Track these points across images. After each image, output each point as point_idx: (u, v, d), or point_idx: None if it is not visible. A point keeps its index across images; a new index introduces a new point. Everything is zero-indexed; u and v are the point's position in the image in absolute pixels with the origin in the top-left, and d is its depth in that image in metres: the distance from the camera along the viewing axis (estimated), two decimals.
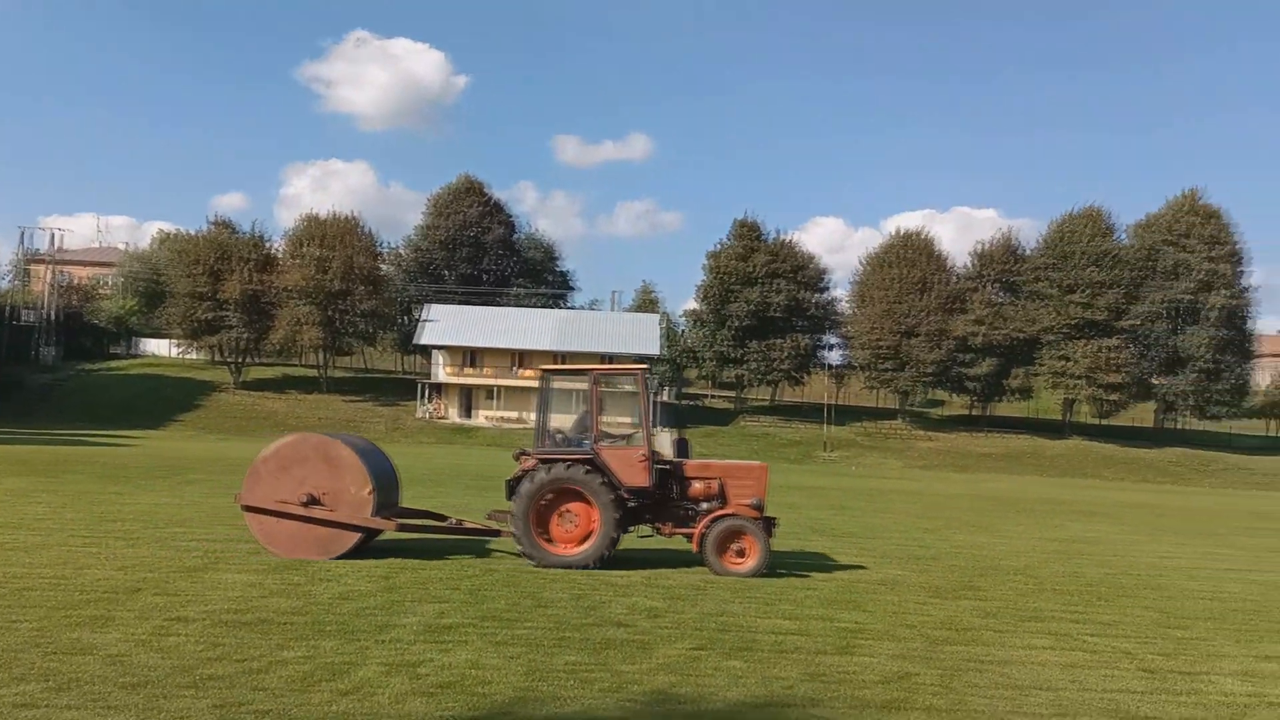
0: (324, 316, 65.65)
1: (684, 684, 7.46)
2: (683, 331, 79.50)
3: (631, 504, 12.78)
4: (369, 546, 13.31)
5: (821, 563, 14.23)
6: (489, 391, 67.64)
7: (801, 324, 69.24)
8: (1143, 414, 74.93)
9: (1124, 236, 69.48)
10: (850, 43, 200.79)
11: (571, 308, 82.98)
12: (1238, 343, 69.15)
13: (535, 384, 67.45)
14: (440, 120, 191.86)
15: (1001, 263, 69.75)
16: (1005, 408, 75.59)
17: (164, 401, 62.17)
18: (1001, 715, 7.03)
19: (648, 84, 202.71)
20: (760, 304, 67.38)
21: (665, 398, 73.42)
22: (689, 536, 12.92)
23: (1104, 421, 72.14)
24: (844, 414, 70.69)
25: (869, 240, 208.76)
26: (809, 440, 64.18)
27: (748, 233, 71.08)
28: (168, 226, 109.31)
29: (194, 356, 72.15)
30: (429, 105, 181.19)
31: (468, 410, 67.39)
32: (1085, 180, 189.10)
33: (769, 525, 12.87)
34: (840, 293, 74.53)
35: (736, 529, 12.57)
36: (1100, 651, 9.26)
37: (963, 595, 12.06)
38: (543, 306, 79.04)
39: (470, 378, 67.91)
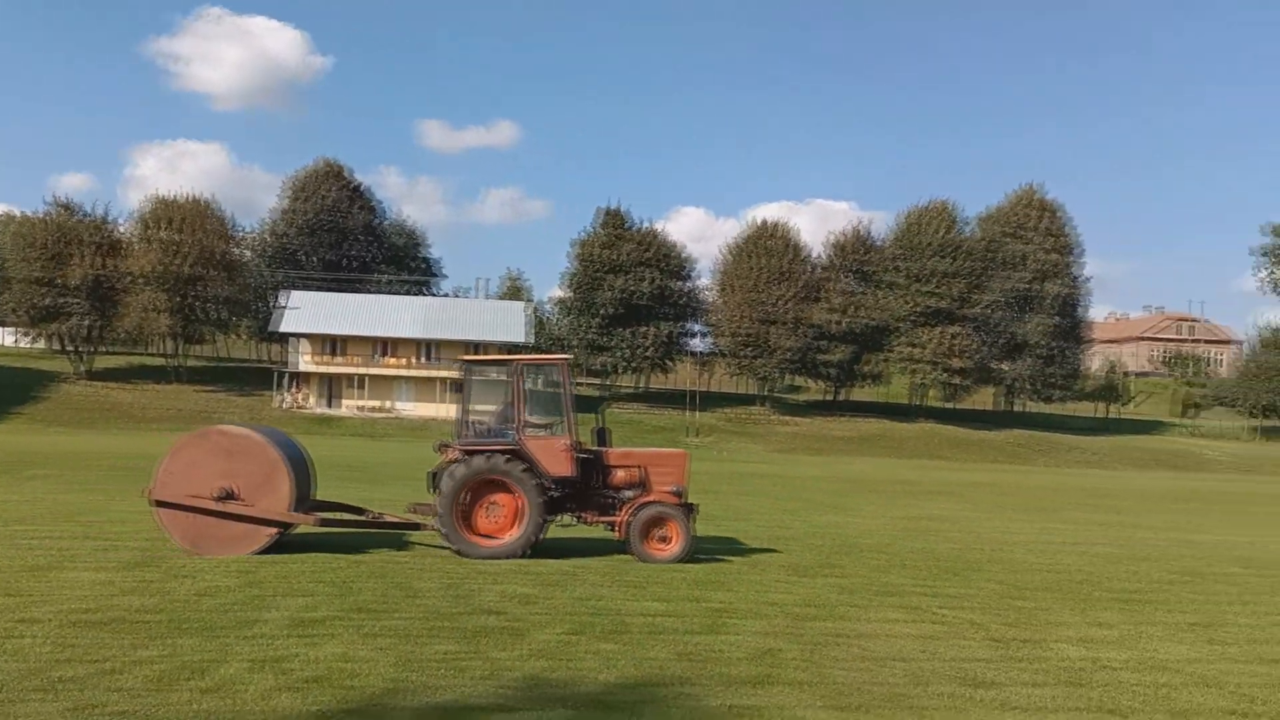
0: (176, 303, 62.71)
1: (558, 668, 7.54)
2: (552, 319, 79.39)
3: (554, 494, 12.77)
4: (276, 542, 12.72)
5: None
6: (353, 380, 66.03)
7: (667, 312, 70.08)
8: (986, 397, 78.90)
9: (969, 229, 72.88)
10: (712, 36, 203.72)
11: (438, 295, 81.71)
12: (1072, 330, 73.63)
13: (401, 372, 66.17)
14: (299, 101, 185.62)
15: (856, 253, 72.19)
16: (860, 392, 78.44)
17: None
18: (861, 686, 7.36)
19: (516, 71, 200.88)
20: (627, 292, 67.87)
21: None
22: (610, 525, 13.05)
23: (951, 405, 75.64)
24: (709, 400, 71.97)
25: (731, 230, 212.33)
26: (675, 426, 65.10)
27: (614, 221, 71.41)
28: (1, 208, 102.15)
29: (33, 345, 67.90)
30: (287, 85, 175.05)
31: (331, 400, 65.63)
32: (934, 174, 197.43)
33: (689, 511, 13.04)
34: (704, 281, 75.73)
35: (660, 516, 12.76)
36: (950, 623, 9.79)
37: (823, 573, 12.53)
38: (408, 294, 77.61)
39: (334, 366, 66.13)
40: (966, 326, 68.19)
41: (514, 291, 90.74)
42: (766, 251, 69.88)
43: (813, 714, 6.62)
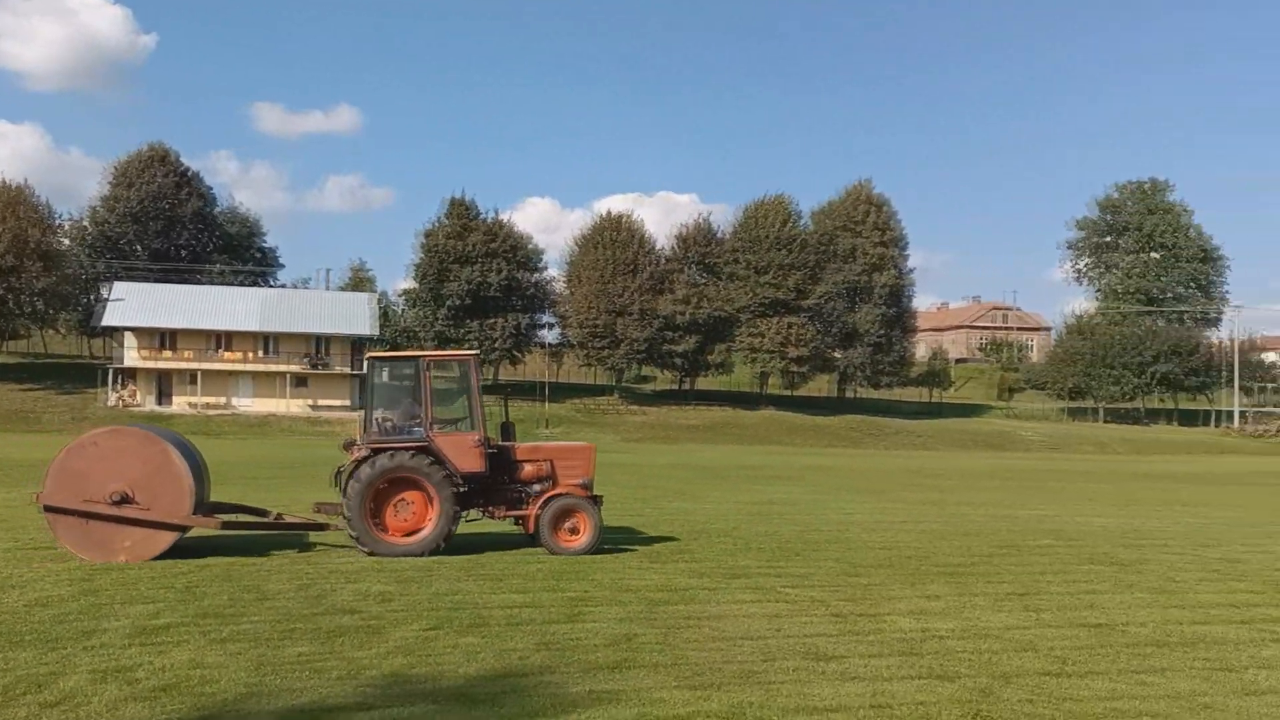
0: None
1: (419, 664, 7.57)
2: (399, 311, 77.81)
3: (463, 489, 12.71)
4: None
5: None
6: (187, 376, 62.92)
7: (518, 303, 69.86)
8: (823, 384, 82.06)
9: (806, 223, 75.54)
10: (559, 29, 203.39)
11: (277, 286, 78.74)
12: (899, 319, 77.45)
13: (239, 367, 63.34)
14: (124, 82, 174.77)
15: (700, 245, 73.77)
16: (707, 381, 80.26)
17: None
18: (715, 665, 7.69)
19: (356, 53, 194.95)
20: (477, 283, 67.24)
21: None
22: (517, 519, 13.24)
23: (792, 392, 78.34)
24: (561, 391, 72.14)
25: (580, 221, 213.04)
26: (528, 418, 64.89)
27: (462, 211, 70.59)
28: None
29: None
30: (110, 65, 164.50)
31: (162, 397, 62.37)
32: (771, 168, 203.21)
33: (597, 503, 13.31)
34: (555, 272, 75.88)
35: (569, 508, 12.97)
36: (796, 601, 10.30)
37: (676, 558, 12.92)
38: (245, 285, 74.46)
39: (166, 361, 62.92)
40: (804, 317, 70.66)
41: (358, 282, 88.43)
42: (616, 243, 70.51)
43: (670, 694, 6.89)
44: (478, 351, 14.35)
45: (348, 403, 65.16)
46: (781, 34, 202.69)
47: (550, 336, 76.82)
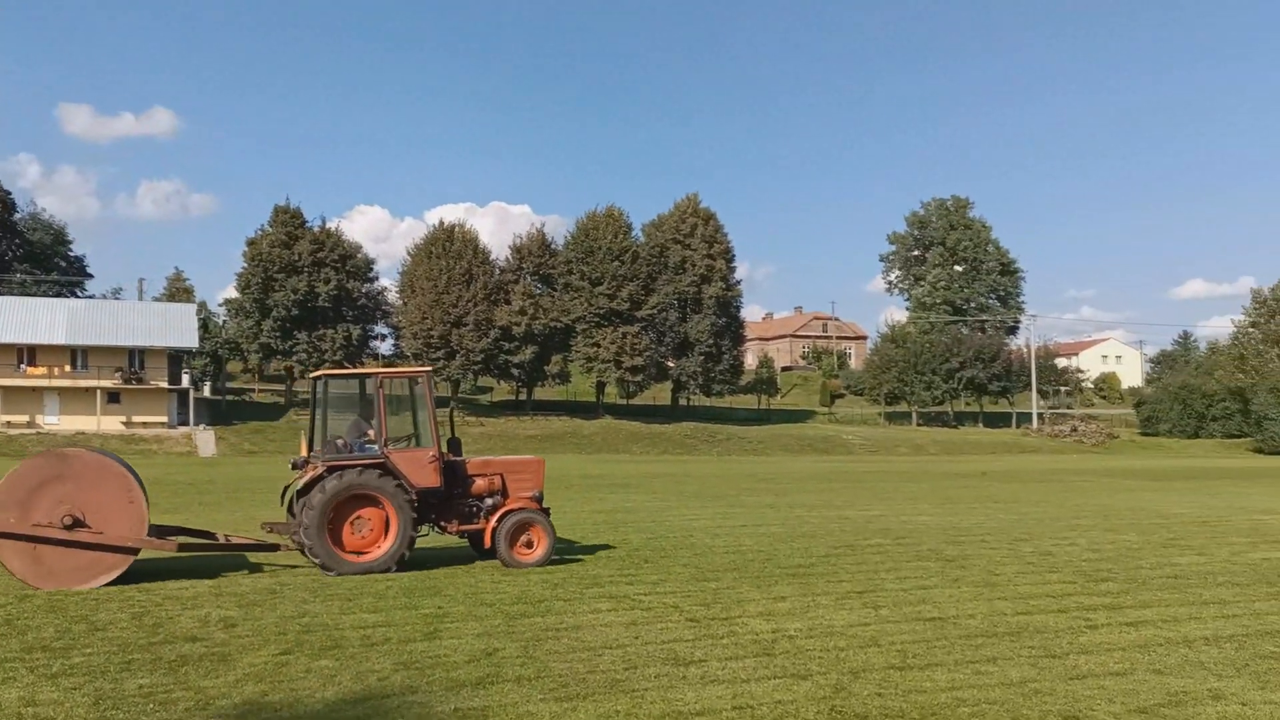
0: None
1: (274, 691, 7.32)
2: (223, 323, 74.15)
3: (416, 504, 12.76)
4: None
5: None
6: None
7: (350, 314, 67.87)
8: (658, 393, 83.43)
9: (638, 235, 76.71)
10: (390, 34, 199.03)
11: (86, 296, 73.67)
12: (731, 328, 79.67)
13: (46, 383, 58.73)
14: None
15: (536, 256, 73.72)
16: (545, 392, 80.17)
17: None
18: (580, 676, 7.77)
19: (172, 52, 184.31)
20: (306, 293, 64.94)
21: (205, 393, 68.10)
22: (463, 534, 13.52)
23: (629, 401, 79.24)
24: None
25: (414, 231, 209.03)
26: None
27: (289, 219, 68.03)
28: None
29: None
30: None
31: None
32: (605, 181, 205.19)
33: (547, 515, 13.56)
34: (388, 282, 74.19)
35: (525, 522, 13.20)
36: (653, 608, 10.49)
37: (531, 570, 12.91)
38: (52, 295, 69.30)
39: None
40: (639, 327, 71.68)
41: (180, 293, 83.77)
42: (451, 253, 69.60)
43: (538, 707, 6.91)
44: (430, 368, 14.29)
45: (165, 419, 61.58)
46: (612, 48, 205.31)
47: (384, 348, 74.99)
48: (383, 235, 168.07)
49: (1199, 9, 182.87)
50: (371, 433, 13.06)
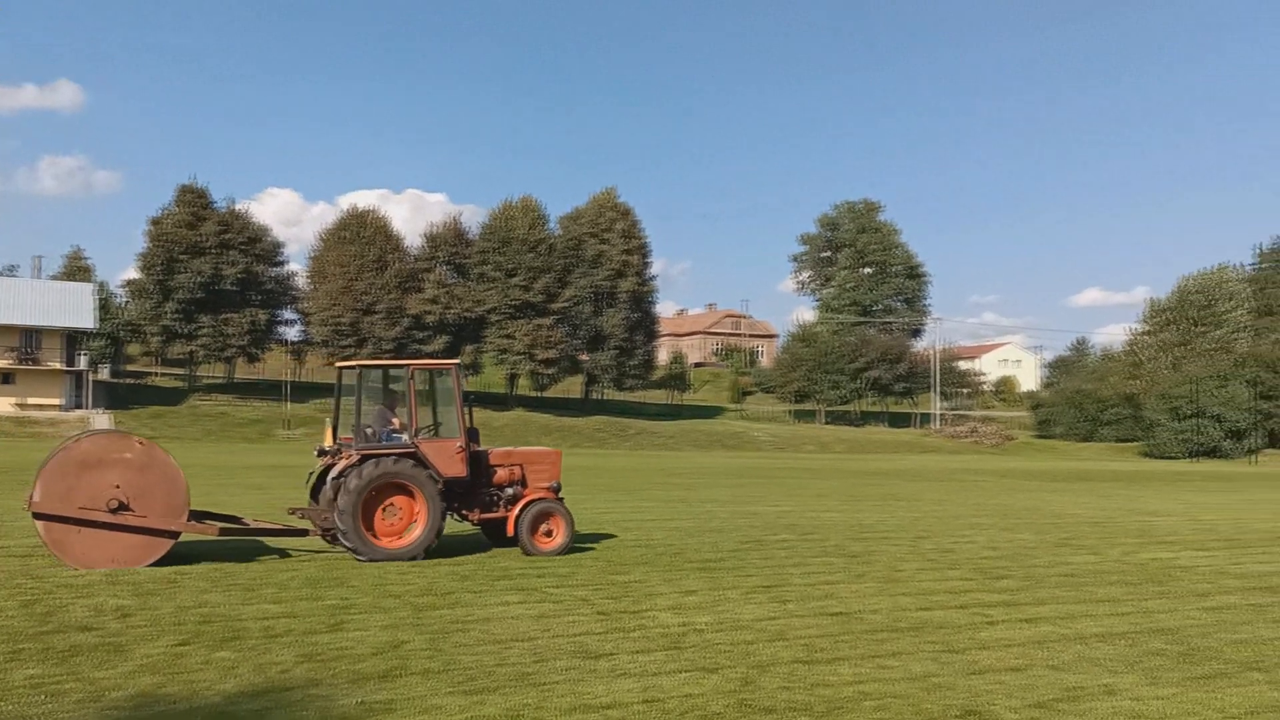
0: None
1: (170, 683, 7.08)
2: (123, 304, 71.36)
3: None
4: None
5: (301, 542, 14.01)
6: None
7: (257, 298, 66.02)
8: (573, 386, 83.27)
9: (554, 227, 76.34)
10: (304, 9, 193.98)
11: None
12: (645, 324, 79.94)
13: None
14: None
15: (451, 245, 72.80)
16: None
17: None
18: (489, 669, 7.69)
19: (80, 23, 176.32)
20: (211, 276, 62.97)
21: (104, 375, 65.49)
22: (483, 522, 13.93)
23: (542, 394, 78.87)
24: (304, 391, 68.89)
25: (325, 215, 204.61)
26: (269, 419, 61.62)
27: (195, 199, 65.80)
28: None
29: None
30: None
31: None
32: (522, 172, 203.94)
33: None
34: (297, 267, 72.30)
35: (546, 511, 13.68)
36: (563, 601, 10.46)
37: (438, 562, 12.75)
38: None
39: None
40: (553, 319, 71.39)
41: (78, 272, 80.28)
42: (363, 239, 68.27)
43: (445, 700, 6.83)
44: (458, 361, 14.85)
45: (60, 402, 59.07)
46: (533, 39, 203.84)
47: (292, 334, 73.21)
48: (294, 219, 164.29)
49: (1102, 24, 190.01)
50: (396, 422, 13.37)
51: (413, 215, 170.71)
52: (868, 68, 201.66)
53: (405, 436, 13.17)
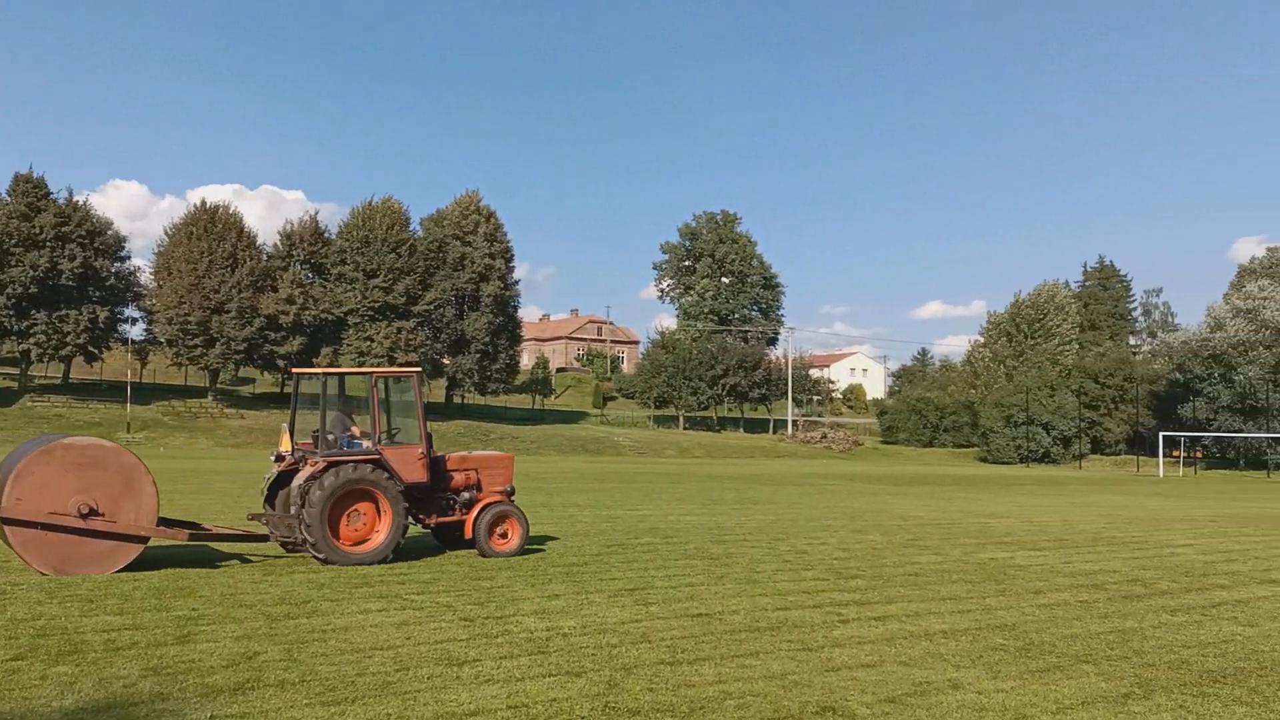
0: None
1: (3, 700, 6.68)
2: None
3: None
4: None
5: (147, 551, 13.31)
6: None
7: (98, 294, 62.34)
8: (434, 390, 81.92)
9: (416, 228, 75.04)
10: (153, 5, 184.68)
11: None
12: (508, 328, 79.46)
13: None
14: None
15: (309, 244, 70.63)
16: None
17: None
18: (349, 679, 7.51)
19: None
20: (48, 270, 59.15)
21: None
22: (439, 526, 14.31)
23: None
24: (147, 392, 65.47)
25: (175, 210, 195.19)
26: (110, 421, 58.19)
27: (31, 189, 61.68)
28: None
29: None
30: None
31: None
32: (384, 171, 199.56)
33: None
34: (142, 263, 68.66)
35: (503, 514, 14.17)
36: (425, 607, 10.31)
37: (294, 569, 12.37)
38: None
39: None
40: (414, 322, 70.12)
41: None
42: (215, 236, 65.41)
43: (302, 712, 6.65)
44: (420, 369, 15.30)
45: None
46: (394, 37, 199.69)
47: (136, 332, 69.45)
48: (140, 213, 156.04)
49: (949, 49, 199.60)
50: (355, 429, 13.70)
51: (268, 212, 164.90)
52: (731, 82, 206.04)
53: (366, 443, 13.45)
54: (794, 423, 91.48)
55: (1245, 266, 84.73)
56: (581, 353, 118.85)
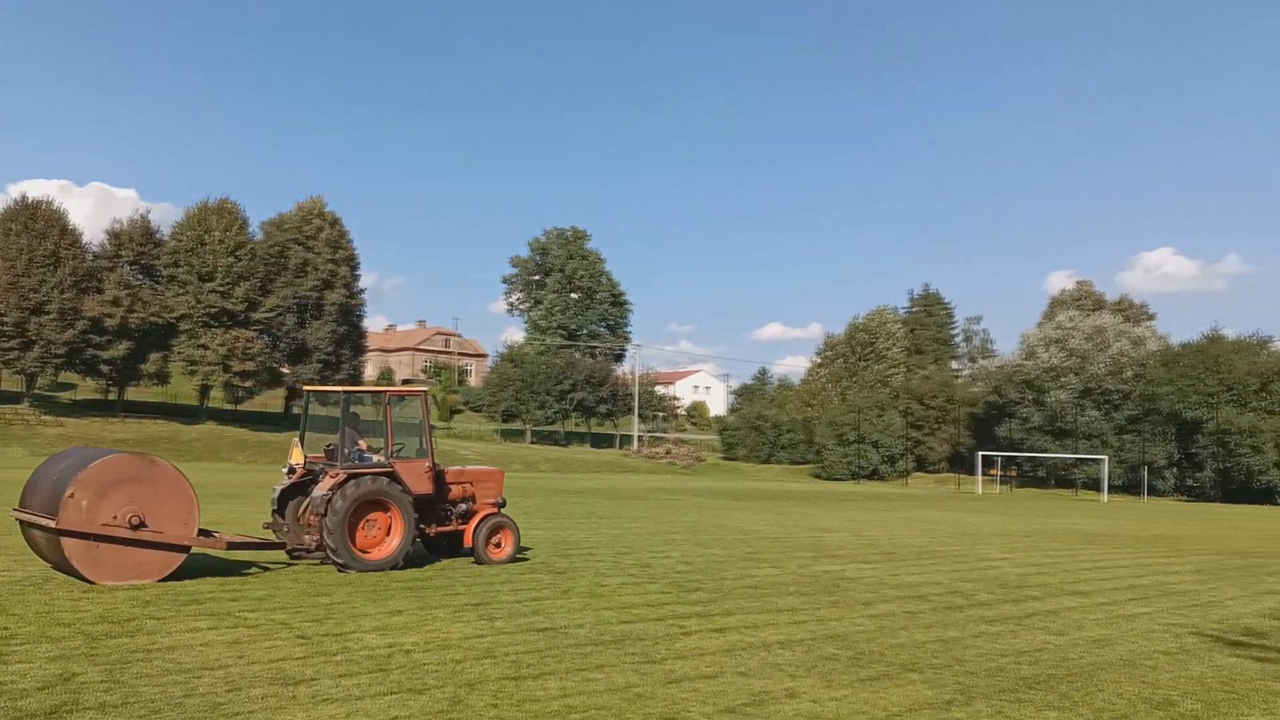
0: None
1: None
2: None
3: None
4: None
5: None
6: None
7: None
8: (273, 399, 78.83)
9: (255, 232, 72.22)
10: None
11: None
12: (352, 337, 77.34)
13: None
14: None
15: (139, 244, 66.93)
16: (140, 392, 72.60)
17: None
18: (176, 700, 7.21)
19: None
20: None
21: None
22: (437, 535, 15.27)
23: (237, 407, 74.00)
24: None
25: None
26: None
27: None
28: None
29: None
30: None
31: None
32: (223, 173, 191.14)
33: None
34: None
35: (499, 525, 15.42)
36: (259, 625, 9.96)
37: (114, 587, 11.72)
38: None
39: None
40: (255, 330, 67.40)
41: None
42: (35, 233, 61.14)
43: None
44: (427, 388, 14.68)
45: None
46: (239, 30, 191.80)
47: None
48: None
49: (789, 86, 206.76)
50: (363, 443, 14.58)
51: (98, 210, 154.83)
52: (579, 97, 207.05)
53: (375, 457, 14.34)
54: (639, 438, 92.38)
55: (1056, 298, 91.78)
56: (428, 364, 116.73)
